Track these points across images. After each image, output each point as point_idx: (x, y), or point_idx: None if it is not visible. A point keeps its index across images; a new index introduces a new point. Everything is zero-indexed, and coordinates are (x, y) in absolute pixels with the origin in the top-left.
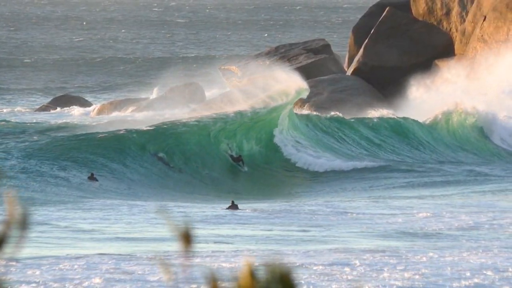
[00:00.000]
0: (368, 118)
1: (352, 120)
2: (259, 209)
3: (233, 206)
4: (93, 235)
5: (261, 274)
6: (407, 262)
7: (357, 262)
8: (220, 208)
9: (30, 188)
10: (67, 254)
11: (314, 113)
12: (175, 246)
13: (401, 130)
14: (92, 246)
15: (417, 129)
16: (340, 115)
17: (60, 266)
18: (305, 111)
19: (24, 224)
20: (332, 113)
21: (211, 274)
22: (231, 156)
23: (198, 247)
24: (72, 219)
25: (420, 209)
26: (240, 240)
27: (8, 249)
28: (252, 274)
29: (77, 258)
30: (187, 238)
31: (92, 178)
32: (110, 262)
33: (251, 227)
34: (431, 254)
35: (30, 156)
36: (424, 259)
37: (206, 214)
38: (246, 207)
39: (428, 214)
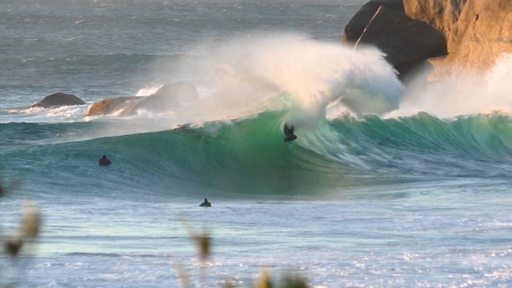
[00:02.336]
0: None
1: (386, 121)
2: (232, 207)
3: (206, 204)
4: (67, 233)
5: (278, 284)
6: (385, 263)
7: (335, 262)
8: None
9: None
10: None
11: None
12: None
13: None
14: (67, 245)
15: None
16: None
17: (35, 265)
18: None
19: (36, 229)
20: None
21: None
22: (290, 131)
23: (174, 245)
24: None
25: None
26: (215, 240)
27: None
28: (269, 284)
29: (51, 258)
30: (205, 244)
31: (104, 161)
32: (84, 261)
33: (224, 226)
34: (407, 254)
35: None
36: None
37: (181, 211)
38: (220, 205)
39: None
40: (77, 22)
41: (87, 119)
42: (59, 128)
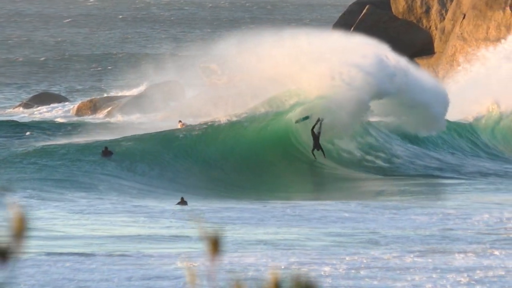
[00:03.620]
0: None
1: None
2: (208, 206)
3: (183, 202)
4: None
5: (287, 285)
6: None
7: (320, 262)
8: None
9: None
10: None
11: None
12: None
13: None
14: (46, 243)
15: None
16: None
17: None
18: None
19: (23, 231)
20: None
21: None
22: (315, 138)
23: (150, 246)
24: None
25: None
26: (191, 240)
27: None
28: (278, 285)
29: (30, 258)
30: (215, 244)
31: (106, 152)
32: (64, 261)
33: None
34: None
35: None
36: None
37: (158, 210)
38: (196, 204)
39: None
40: (64, 21)
41: (60, 120)
42: (46, 127)
